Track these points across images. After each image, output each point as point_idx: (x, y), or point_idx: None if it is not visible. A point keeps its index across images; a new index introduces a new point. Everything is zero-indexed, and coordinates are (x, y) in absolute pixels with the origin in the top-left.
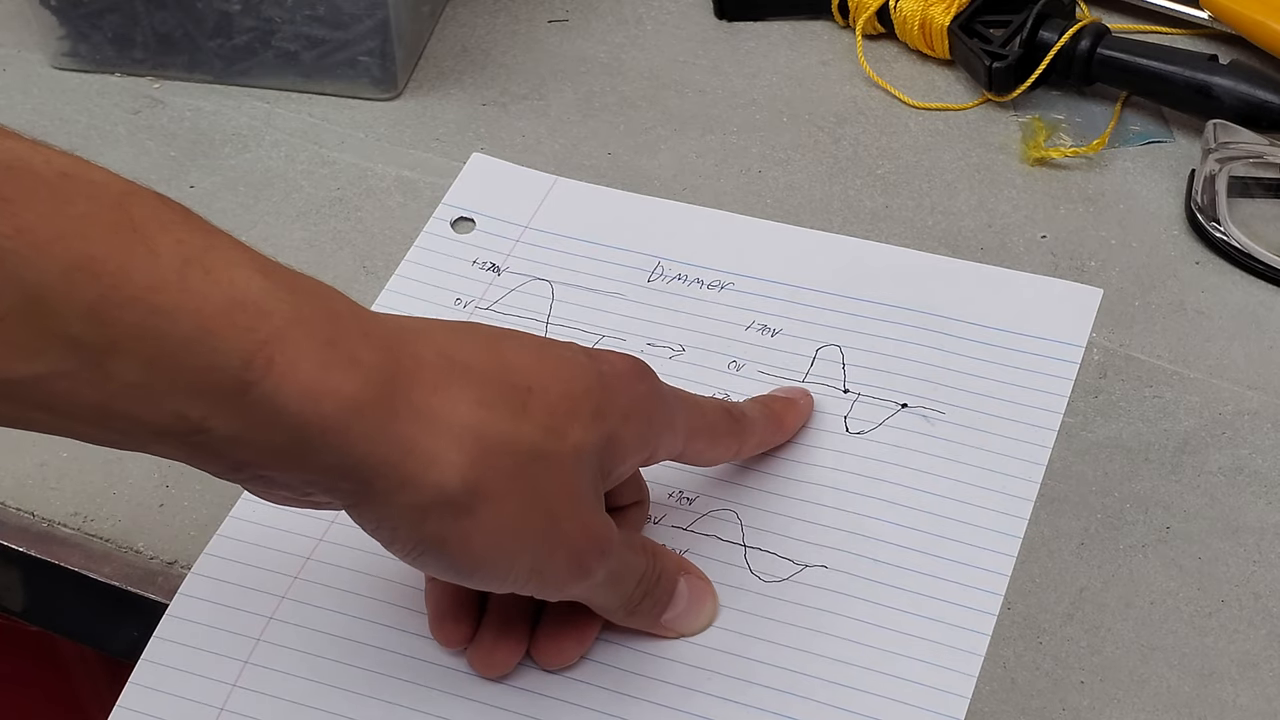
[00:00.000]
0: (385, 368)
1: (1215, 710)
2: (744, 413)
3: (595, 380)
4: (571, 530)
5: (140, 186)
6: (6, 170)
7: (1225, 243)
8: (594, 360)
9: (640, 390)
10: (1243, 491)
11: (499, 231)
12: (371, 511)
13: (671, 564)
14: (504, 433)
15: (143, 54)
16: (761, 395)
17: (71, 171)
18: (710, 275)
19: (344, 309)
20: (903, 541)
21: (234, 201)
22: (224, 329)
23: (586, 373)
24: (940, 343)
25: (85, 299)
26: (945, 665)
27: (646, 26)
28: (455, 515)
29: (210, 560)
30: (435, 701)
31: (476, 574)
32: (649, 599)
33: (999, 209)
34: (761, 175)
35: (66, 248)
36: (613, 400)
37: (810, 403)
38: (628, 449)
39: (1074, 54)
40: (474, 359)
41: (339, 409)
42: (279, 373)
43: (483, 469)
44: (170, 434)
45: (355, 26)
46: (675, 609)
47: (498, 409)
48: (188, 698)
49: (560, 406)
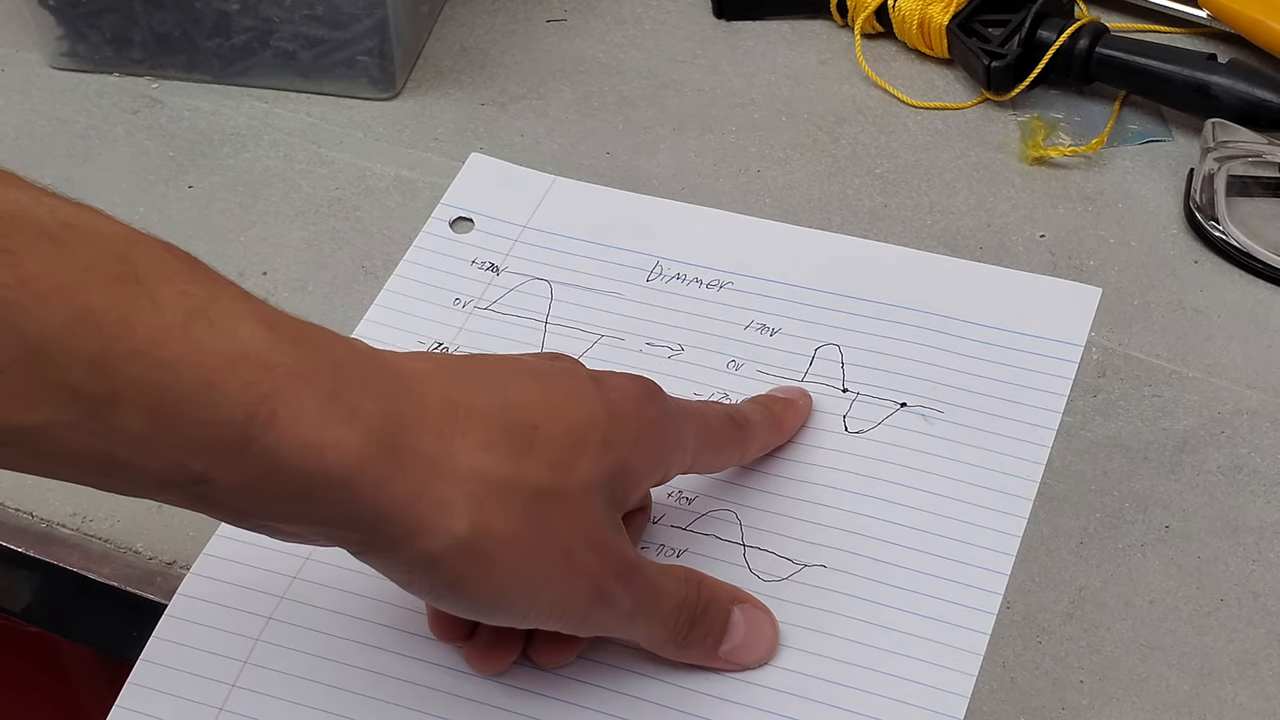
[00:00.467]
0: (389, 416)
1: (1214, 709)
2: (746, 418)
3: (602, 410)
4: (588, 562)
5: (146, 236)
6: (10, 221)
7: (1224, 242)
8: (601, 389)
9: (650, 414)
10: (1242, 490)
11: (498, 231)
12: (383, 559)
13: (722, 594)
14: (509, 474)
15: (141, 54)
16: (760, 395)
17: (75, 222)
18: (709, 275)
19: (347, 358)
20: (902, 541)
21: (232, 201)
22: (227, 382)
23: (592, 403)
24: (939, 342)
25: (87, 350)
26: (945, 664)
27: (645, 26)
28: (469, 559)
29: (209, 560)
30: (434, 702)
31: (498, 612)
32: (698, 629)
33: (998, 208)
34: (760, 174)
35: (69, 299)
36: (621, 428)
37: (809, 403)
38: (640, 474)
39: (1073, 53)
40: (478, 400)
41: (342, 462)
42: (281, 426)
43: (491, 511)
44: (173, 484)
45: (354, 26)
46: (732, 640)
47: (502, 450)
48: (187, 698)
49: (566, 440)
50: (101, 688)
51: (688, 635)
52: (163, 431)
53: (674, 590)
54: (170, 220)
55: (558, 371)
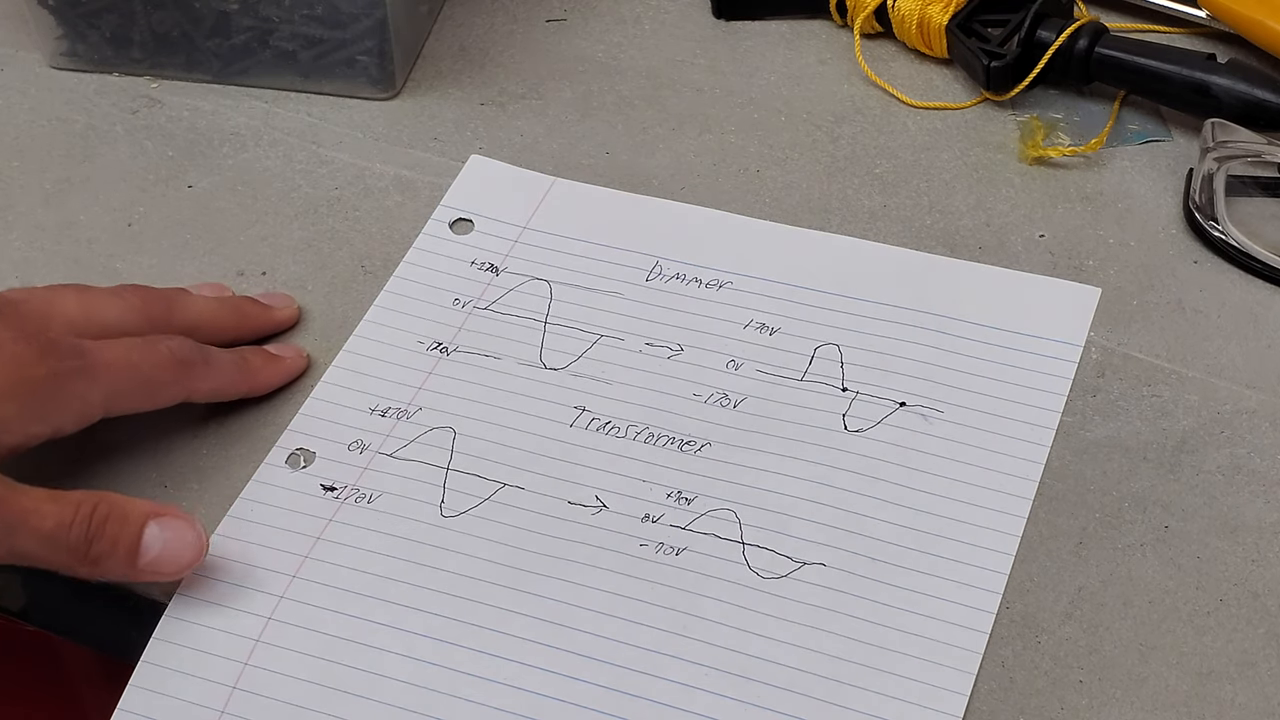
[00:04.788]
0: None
1: (1214, 709)
2: (206, 359)
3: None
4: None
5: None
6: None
7: (1223, 242)
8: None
9: (34, 374)
10: (1241, 490)
11: (497, 232)
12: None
13: (133, 510)
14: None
15: (141, 54)
16: (253, 347)
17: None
18: (709, 274)
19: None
20: (901, 540)
21: (232, 201)
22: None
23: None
24: (939, 341)
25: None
26: (944, 663)
27: (644, 26)
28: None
29: (208, 560)
30: (435, 701)
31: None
32: (99, 544)
33: (997, 208)
34: (759, 174)
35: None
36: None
37: (297, 365)
38: (7, 427)
39: (1072, 53)
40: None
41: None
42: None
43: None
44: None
45: (353, 26)
46: (149, 553)
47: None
48: (188, 700)
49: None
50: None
51: (88, 552)
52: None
53: (53, 511)
54: (170, 220)
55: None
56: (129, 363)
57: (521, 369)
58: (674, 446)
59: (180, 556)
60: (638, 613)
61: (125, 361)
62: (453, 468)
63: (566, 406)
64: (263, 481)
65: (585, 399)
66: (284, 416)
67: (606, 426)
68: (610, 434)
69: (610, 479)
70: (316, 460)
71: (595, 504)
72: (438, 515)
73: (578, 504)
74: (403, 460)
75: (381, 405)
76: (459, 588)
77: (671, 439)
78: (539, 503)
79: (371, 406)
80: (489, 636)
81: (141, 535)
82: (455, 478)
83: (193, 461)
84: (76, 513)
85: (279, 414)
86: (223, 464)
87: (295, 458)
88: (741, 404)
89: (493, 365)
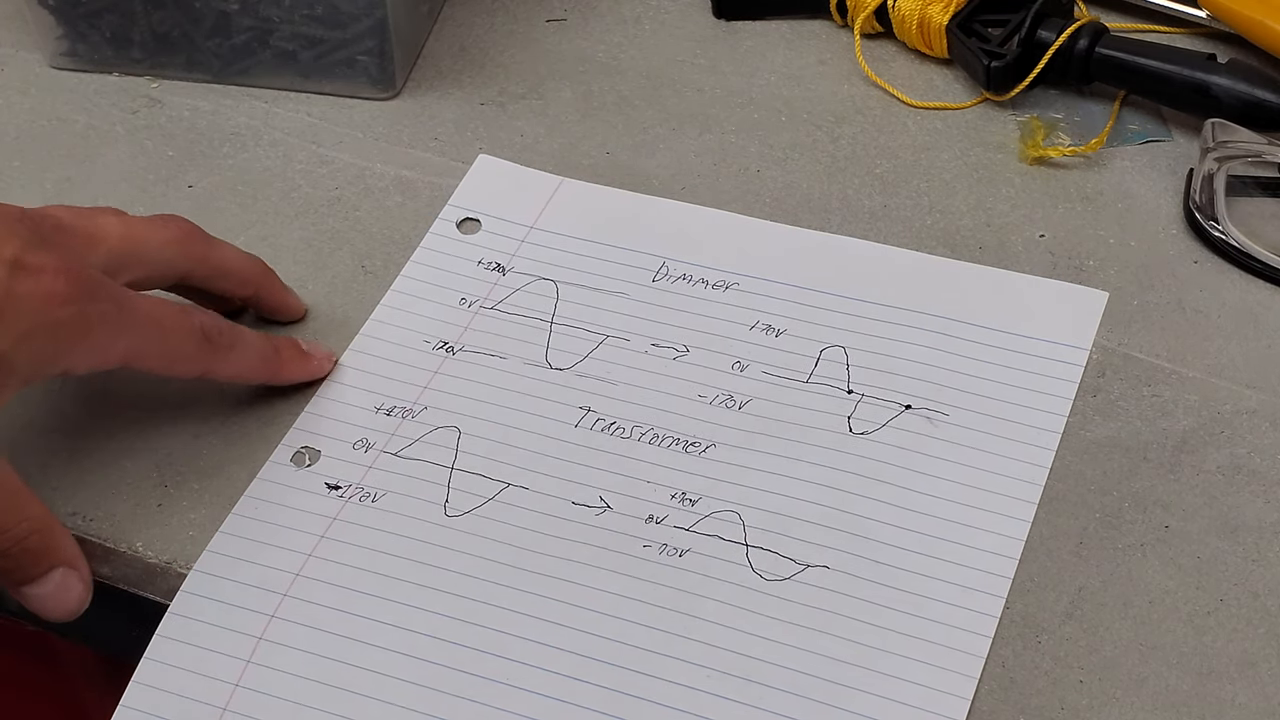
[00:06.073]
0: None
1: (1214, 709)
2: (233, 344)
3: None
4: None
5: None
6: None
7: (1223, 242)
8: (15, 275)
9: (61, 314)
10: (1241, 490)
11: (504, 232)
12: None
13: (55, 550)
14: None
15: (141, 54)
16: (288, 338)
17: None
18: (715, 275)
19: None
20: (904, 543)
21: (232, 201)
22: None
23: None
24: (945, 344)
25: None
26: (946, 666)
27: (645, 26)
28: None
29: (212, 558)
30: (436, 701)
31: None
32: (5, 561)
33: (997, 208)
34: (760, 174)
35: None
36: (9, 320)
37: (324, 368)
38: (15, 368)
39: (1072, 53)
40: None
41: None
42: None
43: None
44: None
45: (353, 26)
46: (38, 589)
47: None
48: (191, 697)
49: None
50: (101, 688)
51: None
52: None
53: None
54: None
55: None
56: (158, 323)
57: (527, 369)
58: (679, 448)
59: (48, 606)
60: (640, 614)
61: (155, 320)
62: (457, 467)
63: (571, 407)
64: (268, 480)
65: (590, 399)
66: (288, 415)
67: (611, 427)
68: (615, 435)
69: (615, 480)
70: (322, 459)
71: (599, 504)
72: (442, 515)
73: (582, 504)
74: (408, 459)
75: (387, 404)
76: (462, 587)
77: (676, 440)
78: (543, 503)
79: (377, 405)
80: (492, 636)
81: (45, 574)
82: (460, 477)
83: (193, 461)
84: (15, 528)
85: (281, 413)
86: (223, 464)
87: (300, 456)
88: (747, 405)
89: (498, 365)
